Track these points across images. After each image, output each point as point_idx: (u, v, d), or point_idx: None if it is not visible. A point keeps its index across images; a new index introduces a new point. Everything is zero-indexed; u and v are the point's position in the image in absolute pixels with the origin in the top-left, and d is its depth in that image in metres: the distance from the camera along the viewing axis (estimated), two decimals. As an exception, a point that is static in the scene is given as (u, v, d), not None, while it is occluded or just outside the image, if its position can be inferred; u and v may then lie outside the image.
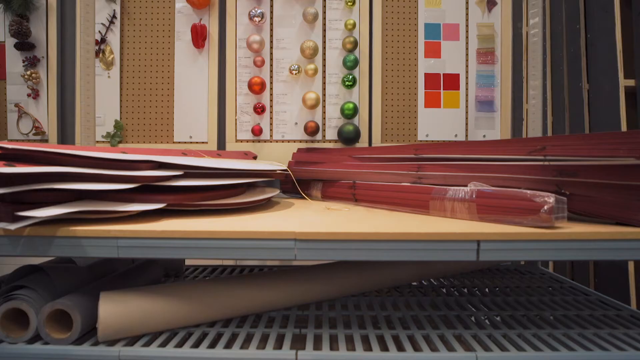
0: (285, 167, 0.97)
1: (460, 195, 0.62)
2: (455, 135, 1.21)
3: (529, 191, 0.54)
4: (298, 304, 0.65)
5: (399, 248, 0.49)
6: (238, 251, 0.49)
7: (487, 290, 0.78)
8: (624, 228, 0.51)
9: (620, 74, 0.84)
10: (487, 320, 0.61)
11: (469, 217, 0.60)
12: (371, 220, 0.60)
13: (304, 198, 0.98)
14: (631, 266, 0.89)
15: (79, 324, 0.52)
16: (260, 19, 1.15)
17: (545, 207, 0.50)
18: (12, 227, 0.48)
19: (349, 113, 1.15)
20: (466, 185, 0.68)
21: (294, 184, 0.96)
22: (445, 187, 0.65)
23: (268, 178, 0.74)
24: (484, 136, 1.21)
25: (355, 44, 1.16)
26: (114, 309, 0.52)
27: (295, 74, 1.16)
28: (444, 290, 0.78)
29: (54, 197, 0.53)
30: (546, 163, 0.59)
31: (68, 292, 0.59)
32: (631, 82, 0.85)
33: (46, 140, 1.18)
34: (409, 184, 0.71)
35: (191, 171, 0.63)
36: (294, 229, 0.50)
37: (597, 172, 0.54)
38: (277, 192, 0.78)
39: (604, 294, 0.76)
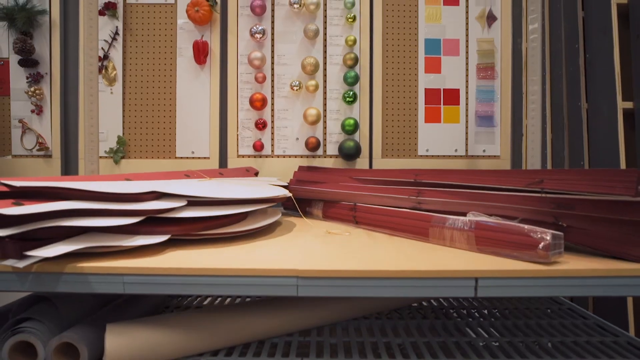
0: (286, 184, 0.98)
1: (459, 225, 0.63)
2: (455, 150, 1.22)
3: (526, 226, 0.55)
4: (299, 329, 0.66)
5: (399, 285, 0.50)
6: (242, 288, 0.51)
7: (485, 312, 0.79)
8: (620, 263, 0.52)
9: (619, 97, 0.85)
10: (485, 349, 0.63)
11: (468, 248, 0.61)
12: (371, 250, 0.61)
13: (305, 214, 0.99)
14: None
15: (86, 357, 0.53)
16: (261, 35, 1.16)
17: (542, 245, 0.51)
18: (21, 265, 0.49)
19: (350, 129, 1.16)
20: (465, 213, 0.69)
21: (297, 202, 0.97)
22: (444, 216, 0.66)
23: (271, 204, 0.75)
24: (484, 151, 1.22)
25: (355, 60, 1.17)
26: (120, 342, 0.53)
27: (297, 90, 1.17)
28: (443, 311, 0.79)
29: (60, 231, 0.54)
30: (544, 195, 0.60)
31: (74, 321, 0.60)
32: (629, 105, 0.86)
33: (50, 156, 1.19)
34: (409, 210, 0.72)
35: (194, 199, 0.64)
36: (296, 266, 0.51)
37: (593, 207, 0.55)
38: (278, 215, 0.79)
39: (602, 315, 0.77)
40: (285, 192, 0.79)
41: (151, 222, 0.60)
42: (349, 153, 1.15)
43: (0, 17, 1.15)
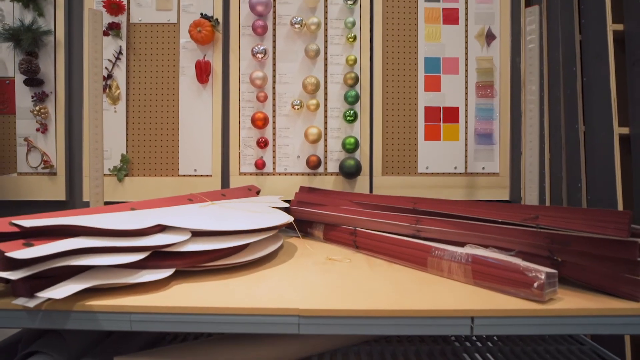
0: (287, 205, 1.00)
1: (456, 258, 0.64)
2: (455, 168, 1.23)
3: (521, 264, 0.56)
4: (301, 357, 0.68)
5: (397, 324, 0.52)
6: (244, 326, 0.52)
7: (483, 336, 0.81)
8: (613, 301, 0.54)
9: (615, 122, 0.86)
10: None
11: (465, 280, 0.63)
12: (371, 283, 0.62)
13: (306, 236, 1.00)
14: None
15: (94, 391, 0.54)
16: (263, 55, 1.17)
17: (536, 284, 0.53)
18: (31, 304, 0.51)
19: (350, 147, 1.17)
20: (463, 243, 0.70)
21: (298, 223, 0.99)
22: (443, 247, 0.67)
23: (273, 232, 0.77)
24: (483, 168, 1.23)
25: (356, 79, 1.19)
26: (127, 376, 0.55)
27: (298, 108, 1.18)
28: (442, 336, 0.81)
29: (69, 268, 0.56)
30: (539, 230, 0.61)
31: (81, 353, 0.62)
32: (625, 130, 0.88)
33: (54, 174, 1.21)
34: (408, 239, 0.74)
35: (198, 231, 0.66)
36: (297, 304, 0.53)
37: (587, 244, 0.56)
38: (280, 242, 0.81)
39: (599, 342, 0.78)
40: (288, 218, 0.81)
41: (156, 256, 0.62)
42: (349, 172, 1.16)
43: (6, 38, 1.16)
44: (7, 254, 0.48)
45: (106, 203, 1.01)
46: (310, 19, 1.18)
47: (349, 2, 1.19)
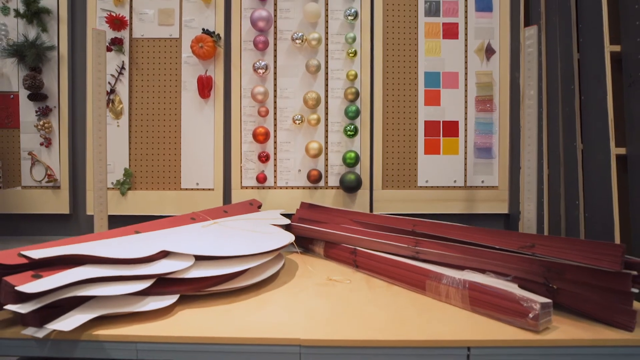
0: (289, 221, 1.01)
1: (454, 284, 0.65)
2: (455, 181, 1.24)
3: (518, 293, 0.57)
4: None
5: (395, 354, 0.53)
6: (248, 355, 0.54)
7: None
8: (606, 330, 0.55)
9: (612, 143, 0.87)
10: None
11: (462, 306, 0.64)
12: (370, 309, 0.64)
13: (306, 252, 1.02)
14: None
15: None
16: (264, 70, 1.19)
17: (532, 314, 0.54)
18: (40, 334, 0.52)
19: (351, 162, 1.19)
20: (461, 267, 0.72)
21: (299, 238, 1.00)
22: (441, 272, 0.68)
23: (275, 254, 0.78)
24: (482, 182, 1.24)
25: (356, 94, 1.20)
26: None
27: (299, 123, 1.20)
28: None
29: (75, 297, 0.57)
30: (535, 258, 0.62)
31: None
32: (622, 151, 0.89)
33: (58, 187, 1.22)
34: (407, 262, 0.75)
35: (202, 255, 0.67)
36: (299, 334, 0.54)
37: (581, 274, 0.58)
38: (281, 264, 0.82)
39: None
40: (289, 239, 0.82)
41: (161, 282, 0.63)
42: (350, 186, 1.18)
43: (11, 54, 1.18)
44: (17, 288, 0.50)
45: (110, 217, 1.02)
46: (311, 35, 1.19)
47: (349, 17, 1.20)
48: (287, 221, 1.01)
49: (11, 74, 1.22)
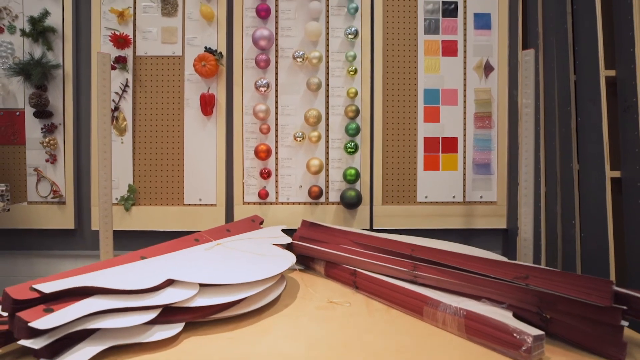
0: (290, 240, 1.03)
1: (451, 311, 0.67)
2: (454, 197, 1.26)
3: (511, 324, 0.59)
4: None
5: (393, 386, 0.55)
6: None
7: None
8: (597, 362, 0.57)
9: (607, 166, 0.89)
10: None
11: (458, 334, 0.66)
12: (369, 335, 0.66)
13: (307, 269, 1.04)
14: None
15: None
16: (265, 88, 1.20)
17: (524, 347, 0.56)
18: (51, 366, 0.54)
19: (351, 178, 1.21)
20: (457, 292, 0.74)
21: (300, 257, 1.02)
22: (438, 299, 0.70)
23: (277, 278, 0.80)
24: (481, 197, 1.26)
25: (357, 111, 1.22)
26: None
27: (300, 140, 1.22)
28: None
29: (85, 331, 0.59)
30: (529, 288, 0.64)
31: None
32: (617, 174, 0.90)
33: (63, 203, 1.25)
34: (406, 287, 0.77)
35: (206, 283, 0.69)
36: (300, 366, 0.56)
37: (573, 306, 0.60)
38: (283, 286, 0.84)
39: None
40: (291, 262, 0.84)
41: (167, 310, 0.65)
42: (350, 202, 1.19)
43: (17, 72, 1.20)
44: (30, 324, 0.52)
45: (114, 232, 1.04)
46: (312, 53, 1.20)
47: (350, 36, 1.21)
48: (288, 240, 1.03)
49: (17, 92, 1.24)
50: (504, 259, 0.84)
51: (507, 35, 1.25)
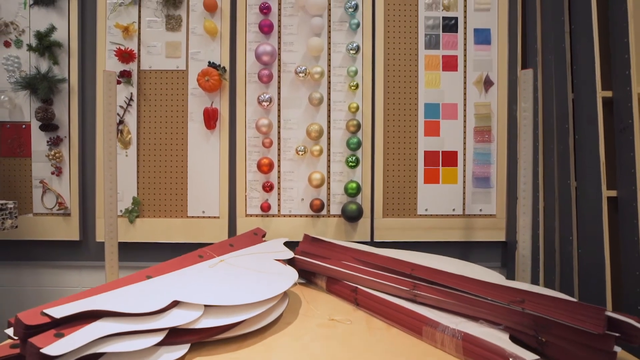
0: (292, 255, 1.05)
1: (449, 332, 0.69)
2: (453, 210, 1.28)
3: (507, 348, 0.61)
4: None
5: (393, 410, 0.57)
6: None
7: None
8: (590, 386, 0.59)
9: (603, 186, 0.91)
10: None
11: (456, 355, 0.68)
12: (369, 355, 0.67)
13: (309, 284, 1.06)
14: None
15: None
16: (268, 103, 1.22)
17: (520, 373, 0.58)
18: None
19: (352, 192, 1.22)
20: (455, 312, 0.76)
21: (302, 271, 1.04)
22: (437, 320, 0.72)
23: (280, 297, 0.82)
24: (480, 210, 1.28)
25: (358, 126, 1.23)
26: None
27: (302, 154, 1.23)
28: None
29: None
30: (525, 312, 0.66)
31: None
32: (613, 193, 0.92)
33: (69, 215, 1.26)
34: (405, 307, 0.79)
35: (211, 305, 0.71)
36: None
37: (567, 331, 0.61)
38: (285, 304, 0.86)
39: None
40: (293, 279, 0.86)
41: (173, 332, 0.67)
42: (351, 216, 1.21)
43: (23, 87, 1.21)
44: (42, 351, 0.54)
45: (119, 244, 1.06)
46: (314, 68, 1.22)
47: (351, 51, 1.23)
48: (290, 254, 1.05)
49: (23, 105, 1.26)
50: (502, 277, 0.86)
51: (506, 50, 1.27)
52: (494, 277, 0.85)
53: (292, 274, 0.89)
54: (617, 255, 0.95)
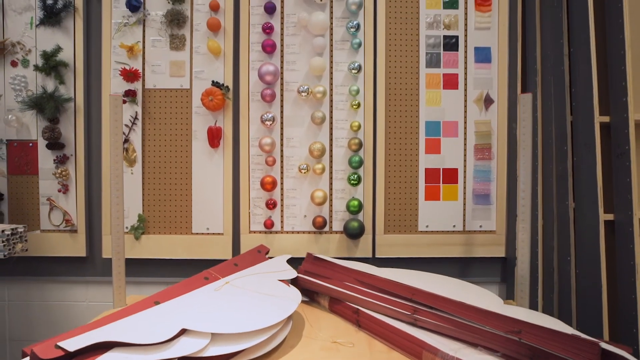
0: (295, 274, 1.07)
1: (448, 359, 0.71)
2: (454, 226, 1.30)
3: (505, 380, 0.63)
4: None
5: None
6: None
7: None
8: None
9: (601, 209, 0.93)
10: None
11: (456, 383, 0.70)
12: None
13: (312, 302, 1.08)
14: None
15: None
16: (271, 122, 1.24)
17: (518, 405, 0.60)
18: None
19: (354, 210, 1.24)
20: (455, 337, 0.78)
21: (305, 291, 1.06)
22: (436, 346, 0.74)
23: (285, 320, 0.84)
24: (480, 226, 1.30)
25: (360, 144, 1.25)
26: None
27: (304, 172, 1.25)
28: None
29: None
30: (521, 341, 0.68)
31: None
32: (610, 217, 0.94)
33: (75, 231, 1.29)
34: (406, 330, 0.81)
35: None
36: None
37: (564, 362, 0.63)
38: (289, 327, 0.88)
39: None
40: (297, 302, 0.88)
41: (181, 360, 0.69)
42: (353, 233, 1.23)
43: (30, 107, 1.23)
44: (57, 386, 0.56)
45: (125, 259, 1.07)
46: (317, 88, 1.24)
47: (353, 70, 1.25)
48: (293, 273, 1.07)
49: (30, 123, 1.28)
50: (500, 301, 0.88)
51: (506, 69, 1.28)
52: (492, 300, 0.87)
53: (295, 297, 0.91)
54: (614, 277, 0.97)
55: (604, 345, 0.62)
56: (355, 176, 1.25)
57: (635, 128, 0.90)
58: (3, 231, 0.99)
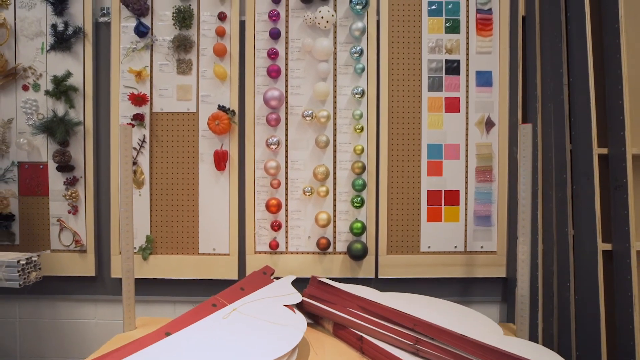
0: (300, 299, 1.09)
1: (450, 394, 0.74)
2: (455, 247, 1.32)
3: (504, 418, 0.66)
4: None
5: None
6: None
7: None
8: None
9: (599, 239, 0.95)
10: None
11: (457, 416, 0.72)
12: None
13: (316, 325, 1.10)
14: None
15: None
16: (276, 146, 1.26)
17: None
18: None
19: (358, 231, 1.27)
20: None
21: (310, 314, 1.09)
22: (438, 380, 0.77)
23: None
24: (482, 247, 1.32)
25: (363, 168, 1.27)
26: None
27: (309, 195, 1.28)
28: None
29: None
30: (522, 378, 0.70)
31: None
32: (608, 247, 0.96)
33: (85, 251, 1.32)
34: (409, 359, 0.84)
35: None
36: None
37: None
38: (295, 356, 0.90)
39: None
40: (302, 330, 0.90)
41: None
42: (356, 255, 1.26)
43: (41, 131, 1.26)
44: None
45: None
46: (320, 112, 1.26)
47: (356, 95, 1.27)
48: (298, 297, 1.09)
49: (41, 146, 1.31)
50: (500, 331, 0.91)
51: (507, 92, 1.30)
52: (492, 330, 0.89)
53: (300, 325, 0.94)
54: (614, 304, 0.99)
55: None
56: (359, 198, 1.28)
57: (632, 161, 0.92)
58: (18, 261, 1.02)
